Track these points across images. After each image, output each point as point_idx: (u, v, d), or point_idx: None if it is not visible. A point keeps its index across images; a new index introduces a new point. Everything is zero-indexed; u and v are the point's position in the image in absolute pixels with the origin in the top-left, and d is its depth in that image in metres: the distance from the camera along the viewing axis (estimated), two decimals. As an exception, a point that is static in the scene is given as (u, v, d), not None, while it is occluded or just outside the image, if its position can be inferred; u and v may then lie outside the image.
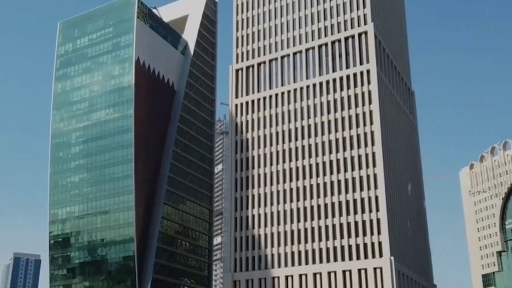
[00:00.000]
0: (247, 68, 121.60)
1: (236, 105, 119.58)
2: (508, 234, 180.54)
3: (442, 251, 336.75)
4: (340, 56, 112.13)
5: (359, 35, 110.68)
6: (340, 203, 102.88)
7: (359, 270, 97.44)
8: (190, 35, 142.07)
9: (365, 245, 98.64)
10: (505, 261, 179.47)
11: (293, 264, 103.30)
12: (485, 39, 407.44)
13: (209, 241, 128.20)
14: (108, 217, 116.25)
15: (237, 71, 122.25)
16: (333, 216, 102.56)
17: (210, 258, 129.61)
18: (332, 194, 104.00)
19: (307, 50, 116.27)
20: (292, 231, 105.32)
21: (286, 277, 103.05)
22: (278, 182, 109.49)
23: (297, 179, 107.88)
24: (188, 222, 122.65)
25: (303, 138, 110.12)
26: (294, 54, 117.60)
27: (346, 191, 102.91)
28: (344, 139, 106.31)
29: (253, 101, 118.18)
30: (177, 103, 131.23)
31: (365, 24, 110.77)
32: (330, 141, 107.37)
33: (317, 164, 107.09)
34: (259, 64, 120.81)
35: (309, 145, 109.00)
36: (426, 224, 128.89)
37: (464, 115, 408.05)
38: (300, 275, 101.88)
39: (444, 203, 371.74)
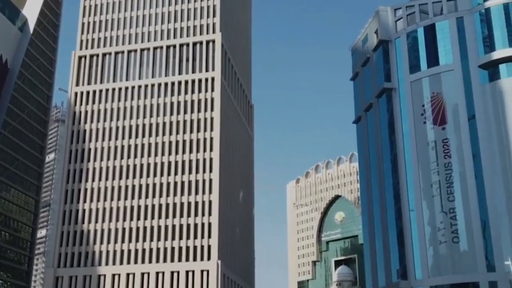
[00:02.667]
0: (91, 56, 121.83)
1: (76, 94, 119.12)
2: (323, 246, 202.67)
3: (266, 257, 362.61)
4: (187, 60, 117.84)
5: (207, 42, 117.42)
6: (174, 204, 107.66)
7: (187, 272, 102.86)
8: (31, 12, 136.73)
9: (194, 247, 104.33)
10: (319, 270, 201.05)
11: (121, 263, 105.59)
12: (325, 60, 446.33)
13: (32, 234, 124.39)
14: None
15: (80, 58, 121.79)
16: (166, 217, 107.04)
17: (32, 251, 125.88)
18: (167, 195, 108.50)
19: (155, 48, 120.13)
20: (123, 229, 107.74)
21: (113, 275, 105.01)
22: (113, 178, 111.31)
23: (134, 177, 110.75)
24: (10, 212, 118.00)
25: (143, 136, 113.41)
26: (142, 50, 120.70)
27: (182, 194, 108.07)
28: (184, 142, 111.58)
29: (94, 92, 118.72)
30: (9, 82, 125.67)
31: (213, 32, 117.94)
32: (170, 142, 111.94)
33: (155, 164, 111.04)
34: (104, 55, 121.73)
35: (149, 144, 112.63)
36: (253, 231, 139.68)
37: (297, 132, 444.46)
38: (128, 274, 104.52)
39: (272, 212, 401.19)
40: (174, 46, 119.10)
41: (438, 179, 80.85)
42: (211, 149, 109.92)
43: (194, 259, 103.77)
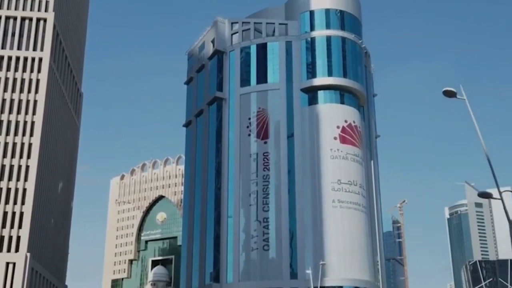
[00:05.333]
0: None
1: None
2: (142, 245, 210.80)
3: (82, 253, 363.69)
4: (13, 34, 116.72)
5: (38, 20, 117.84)
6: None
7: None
8: None
9: (1, 237, 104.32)
10: (135, 269, 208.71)
11: None
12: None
13: None
14: None
15: None
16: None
17: None
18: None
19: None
20: None
21: None
22: None
23: None
24: None
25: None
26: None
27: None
28: (1, 122, 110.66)
29: None
30: None
31: (46, 11, 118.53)
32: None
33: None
34: None
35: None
36: (69, 225, 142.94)
37: (127, 129, 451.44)
38: None
39: (93, 207, 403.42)
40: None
41: (256, 189, 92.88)
42: (31, 134, 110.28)
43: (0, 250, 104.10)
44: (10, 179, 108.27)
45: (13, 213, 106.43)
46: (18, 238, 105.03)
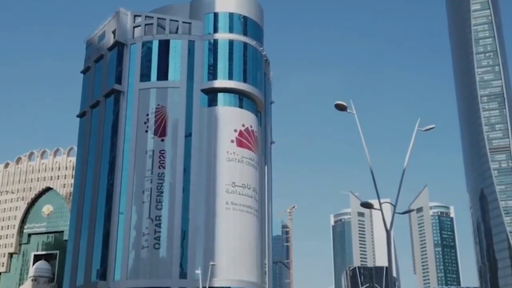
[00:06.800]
0: None
1: None
2: (24, 238, 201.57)
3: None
4: None
5: None
6: None
7: None
8: None
9: None
10: (15, 263, 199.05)
11: None
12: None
13: None
14: None
15: None
16: None
17: None
18: None
19: None
20: None
21: None
22: None
23: None
24: None
25: None
26: None
27: None
28: None
29: None
30: None
31: None
32: None
33: None
34: None
35: None
36: None
37: (16, 113, 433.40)
38: None
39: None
40: None
41: (151, 186, 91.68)
42: None
43: None
44: None
45: None
46: None
